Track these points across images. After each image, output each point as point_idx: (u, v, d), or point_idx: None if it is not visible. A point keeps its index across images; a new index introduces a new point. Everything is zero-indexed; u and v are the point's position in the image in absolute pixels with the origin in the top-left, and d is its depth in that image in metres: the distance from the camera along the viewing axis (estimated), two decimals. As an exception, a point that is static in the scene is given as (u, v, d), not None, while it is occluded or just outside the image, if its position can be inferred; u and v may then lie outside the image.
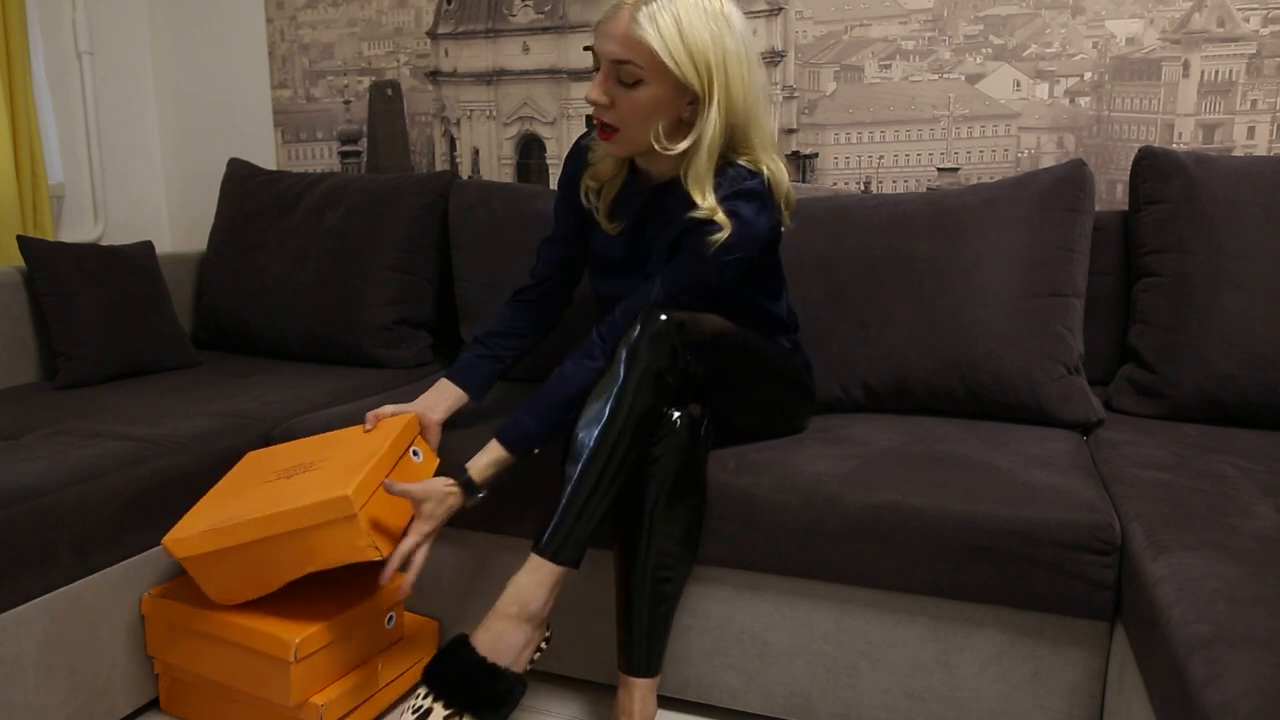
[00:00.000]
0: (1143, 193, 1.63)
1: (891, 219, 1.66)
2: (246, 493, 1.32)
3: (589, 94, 1.25)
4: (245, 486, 1.35)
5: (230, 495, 1.34)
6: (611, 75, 1.24)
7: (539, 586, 1.16)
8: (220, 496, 1.36)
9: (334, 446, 1.38)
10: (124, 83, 2.49)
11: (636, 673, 1.25)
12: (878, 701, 1.29)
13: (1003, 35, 1.89)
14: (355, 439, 1.38)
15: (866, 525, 1.23)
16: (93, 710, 1.31)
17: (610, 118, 1.26)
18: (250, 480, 1.37)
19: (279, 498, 1.25)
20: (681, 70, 1.19)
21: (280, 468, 1.36)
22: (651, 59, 1.19)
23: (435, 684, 1.13)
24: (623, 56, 1.20)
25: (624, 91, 1.23)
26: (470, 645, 1.15)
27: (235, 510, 1.27)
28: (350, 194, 2.08)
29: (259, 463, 1.43)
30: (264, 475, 1.36)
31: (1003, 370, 1.52)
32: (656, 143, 1.25)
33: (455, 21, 2.27)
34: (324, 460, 1.33)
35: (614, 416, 1.18)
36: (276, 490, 1.28)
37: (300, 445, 1.45)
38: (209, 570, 1.29)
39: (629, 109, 1.24)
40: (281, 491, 1.27)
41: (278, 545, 1.24)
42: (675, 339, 1.21)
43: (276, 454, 1.44)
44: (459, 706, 1.12)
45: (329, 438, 1.44)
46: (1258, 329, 1.46)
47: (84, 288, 1.84)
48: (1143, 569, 1.01)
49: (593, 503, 1.17)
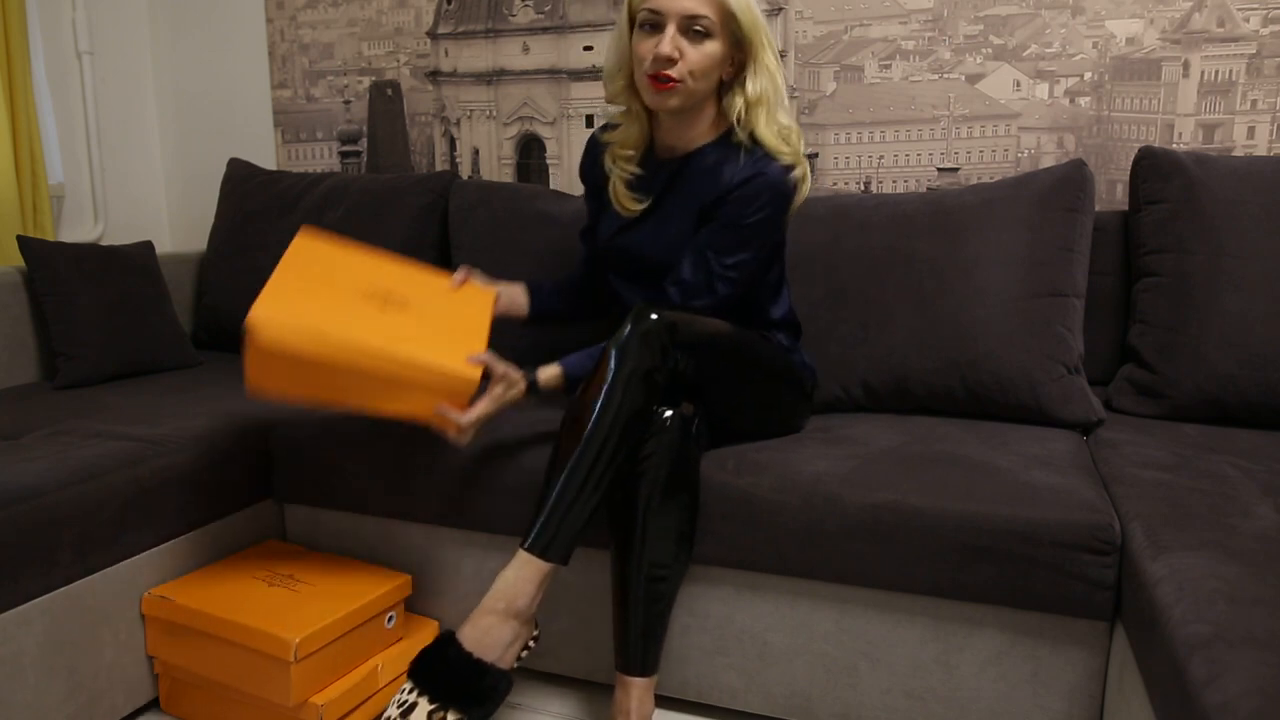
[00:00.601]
0: (1143, 193, 1.63)
1: (891, 219, 1.66)
2: (339, 300, 1.23)
3: (663, 48, 1.29)
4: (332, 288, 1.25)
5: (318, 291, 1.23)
6: (681, 30, 1.30)
7: (526, 583, 1.17)
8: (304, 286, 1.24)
9: (420, 286, 1.34)
10: (124, 83, 2.49)
11: (633, 672, 1.25)
12: (878, 701, 1.29)
13: (1003, 35, 1.89)
14: (445, 293, 1.36)
15: (866, 525, 1.23)
16: (93, 710, 1.31)
17: (677, 71, 1.31)
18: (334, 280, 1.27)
19: (391, 334, 1.20)
20: (744, 28, 1.31)
21: (368, 285, 1.28)
22: (722, 13, 1.30)
23: (421, 679, 1.14)
24: (698, 10, 1.29)
25: (692, 46, 1.31)
26: (456, 641, 1.15)
27: (336, 322, 1.18)
28: (350, 194, 2.08)
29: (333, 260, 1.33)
30: (348, 284, 1.27)
31: (1003, 370, 1.52)
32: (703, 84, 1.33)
33: (455, 21, 2.27)
34: (417, 303, 1.29)
35: (603, 414, 1.18)
36: (381, 322, 1.22)
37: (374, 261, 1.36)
38: (271, 360, 1.16)
39: (697, 61, 1.31)
40: (390, 327, 1.21)
41: (374, 382, 1.18)
42: (665, 338, 1.22)
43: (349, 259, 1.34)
44: (443, 701, 1.12)
45: (407, 269, 1.38)
46: (1258, 329, 1.46)
47: (84, 288, 1.84)
48: (1143, 569, 1.01)
49: (581, 500, 1.17)
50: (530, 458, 1.40)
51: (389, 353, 1.18)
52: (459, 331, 1.28)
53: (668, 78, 1.31)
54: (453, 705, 1.12)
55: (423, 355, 1.20)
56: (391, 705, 1.13)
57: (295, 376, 1.19)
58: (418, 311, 1.28)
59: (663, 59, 1.29)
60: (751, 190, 1.33)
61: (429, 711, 1.11)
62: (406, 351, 1.19)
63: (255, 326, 1.14)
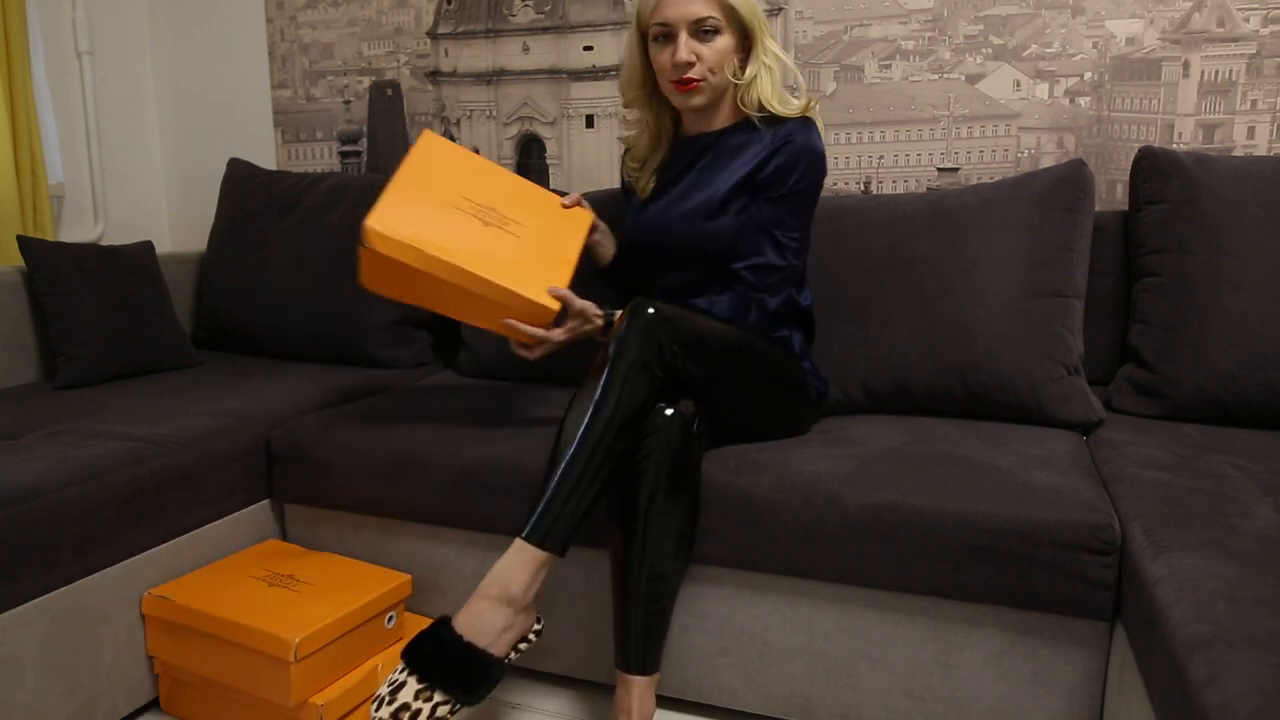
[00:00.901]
0: (1143, 193, 1.63)
1: (891, 219, 1.66)
2: (447, 213, 1.34)
3: (680, 55, 1.39)
4: (443, 199, 1.35)
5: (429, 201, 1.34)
6: (692, 35, 1.40)
7: (521, 570, 1.17)
8: (418, 194, 1.34)
9: (528, 206, 1.42)
10: (124, 83, 2.49)
11: (634, 671, 1.25)
12: (878, 701, 1.29)
13: (1003, 35, 1.89)
14: (548, 213, 1.44)
15: (866, 525, 1.23)
16: (93, 710, 1.31)
17: (697, 71, 1.41)
18: (446, 190, 1.37)
19: (487, 254, 1.31)
20: (745, 16, 1.41)
21: (477, 198, 1.38)
22: (724, 9, 1.40)
23: (412, 660, 1.14)
24: (705, 13, 1.39)
25: (705, 45, 1.41)
26: (450, 625, 1.16)
27: (440, 236, 1.30)
28: (350, 194, 2.08)
29: (448, 168, 1.41)
30: (458, 195, 1.37)
31: (1003, 371, 1.52)
32: (734, 77, 1.44)
33: (455, 21, 2.27)
34: (518, 221, 1.39)
35: (601, 406, 1.19)
36: (482, 240, 1.33)
37: (486, 173, 1.45)
38: (378, 262, 1.30)
39: (714, 57, 1.41)
40: (488, 246, 1.32)
41: (465, 295, 1.30)
42: (661, 333, 1.23)
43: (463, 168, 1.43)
44: (431, 681, 1.12)
45: (523, 186, 1.47)
46: (1258, 329, 1.46)
47: (84, 288, 1.84)
48: (1143, 569, 1.01)
49: (579, 491, 1.18)
50: (530, 458, 1.40)
51: (481, 273, 1.29)
52: (550, 257, 1.37)
53: (690, 79, 1.41)
54: (440, 686, 1.12)
55: (510, 280, 1.30)
56: (383, 684, 1.14)
57: (398, 279, 1.33)
58: (517, 230, 1.38)
59: (682, 65, 1.40)
60: (789, 160, 1.41)
61: (416, 691, 1.11)
62: (497, 273, 1.30)
63: (369, 232, 1.27)
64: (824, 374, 1.56)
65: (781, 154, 1.42)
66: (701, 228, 1.46)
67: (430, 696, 1.11)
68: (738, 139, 1.47)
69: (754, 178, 1.43)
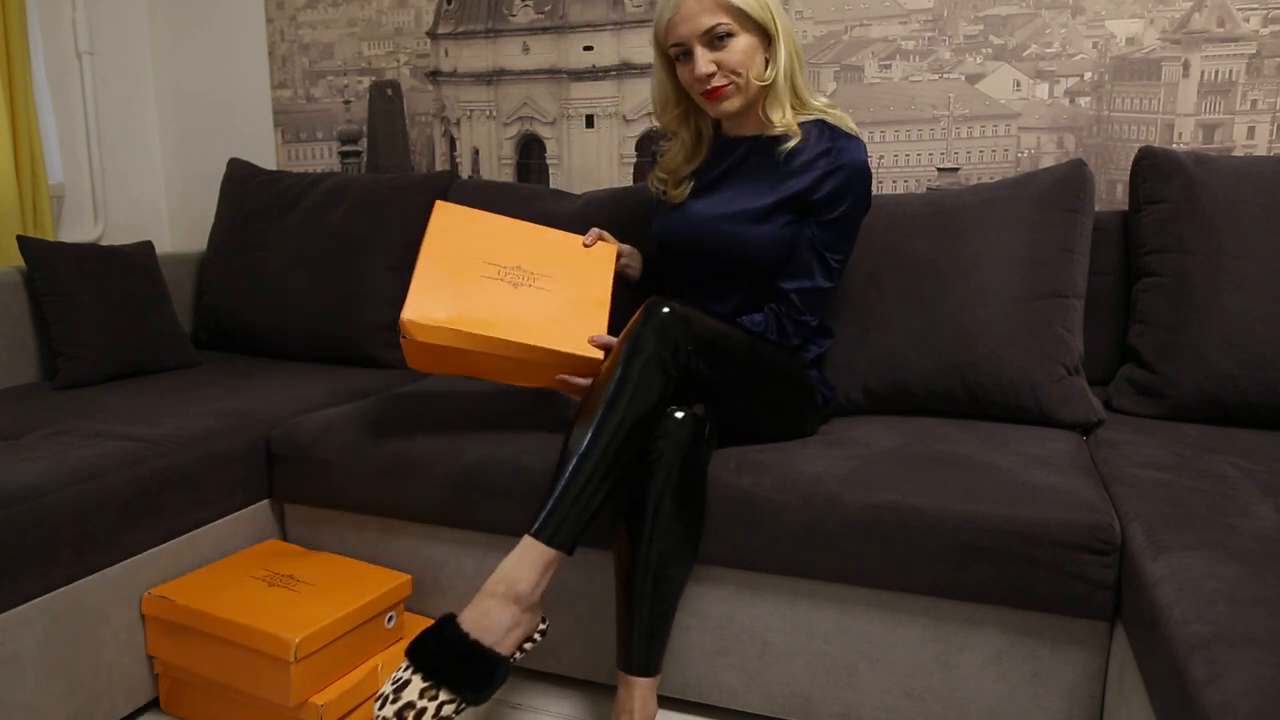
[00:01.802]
0: (1143, 193, 1.63)
1: (892, 219, 1.66)
2: (477, 286, 1.36)
3: (699, 70, 1.39)
4: (469, 271, 1.38)
5: (457, 277, 1.37)
6: (705, 45, 1.40)
7: (528, 567, 1.16)
8: (445, 272, 1.37)
9: (551, 256, 1.44)
10: (124, 83, 2.49)
11: (637, 672, 1.25)
12: (878, 701, 1.29)
13: (1003, 35, 1.89)
14: (574, 258, 1.45)
15: (867, 525, 1.23)
16: (93, 710, 1.31)
17: (721, 78, 1.40)
18: (470, 262, 1.39)
19: (524, 319, 1.34)
20: (757, 14, 1.39)
21: (501, 260, 1.40)
22: (736, 12, 1.38)
23: (417, 657, 1.13)
24: (711, 21, 1.38)
25: (722, 52, 1.39)
26: (455, 622, 1.15)
27: (479, 309, 1.33)
28: (350, 194, 2.08)
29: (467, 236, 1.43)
30: (483, 262, 1.39)
31: (1003, 371, 1.52)
32: (755, 77, 1.42)
33: (455, 21, 2.27)
34: (550, 276, 1.41)
35: (614, 404, 1.19)
36: (515, 305, 1.35)
37: (505, 230, 1.46)
38: (423, 350, 1.34)
39: (734, 60, 1.40)
40: (523, 311, 1.35)
41: (511, 363, 1.34)
42: (677, 333, 1.22)
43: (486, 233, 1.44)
44: (436, 680, 1.11)
45: (543, 236, 1.47)
46: (1258, 329, 1.46)
47: (84, 288, 1.84)
48: (1143, 569, 1.01)
49: (589, 490, 1.17)
50: (530, 458, 1.40)
51: (522, 339, 1.32)
52: (584, 303, 1.39)
53: (716, 87, 1.41)
54: (445, 684, 1.11)
55: (552, 339, 1.33)
56: (388, 682, 1.13)
57: (445, 359, 1.37)
58: (547, 284, 1.40)
59: (704, 78, 1.40)
60: (842, 184, 1.40)
61: (421, 689, 1.10)
62: (538, 337, 1.33)
63: (407, 325, 1.31)
64: (831, 380, 1.57)
65: (836, 177, 1.40)
66: (744, 232, 1.44)
67: (435, 695, 1.11)
68: (781, 143, 1.44)
69: (806, 197, 1.42)
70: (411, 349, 1.35)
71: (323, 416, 1.60)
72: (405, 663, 1.14)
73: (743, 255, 1.45)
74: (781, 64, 1.42)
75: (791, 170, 1.43)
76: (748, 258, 1.45)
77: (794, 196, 1.42)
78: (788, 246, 1.44)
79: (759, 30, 1.41)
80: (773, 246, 1.44)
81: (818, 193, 1.41)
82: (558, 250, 1.46)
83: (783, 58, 1.42)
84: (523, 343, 1.31)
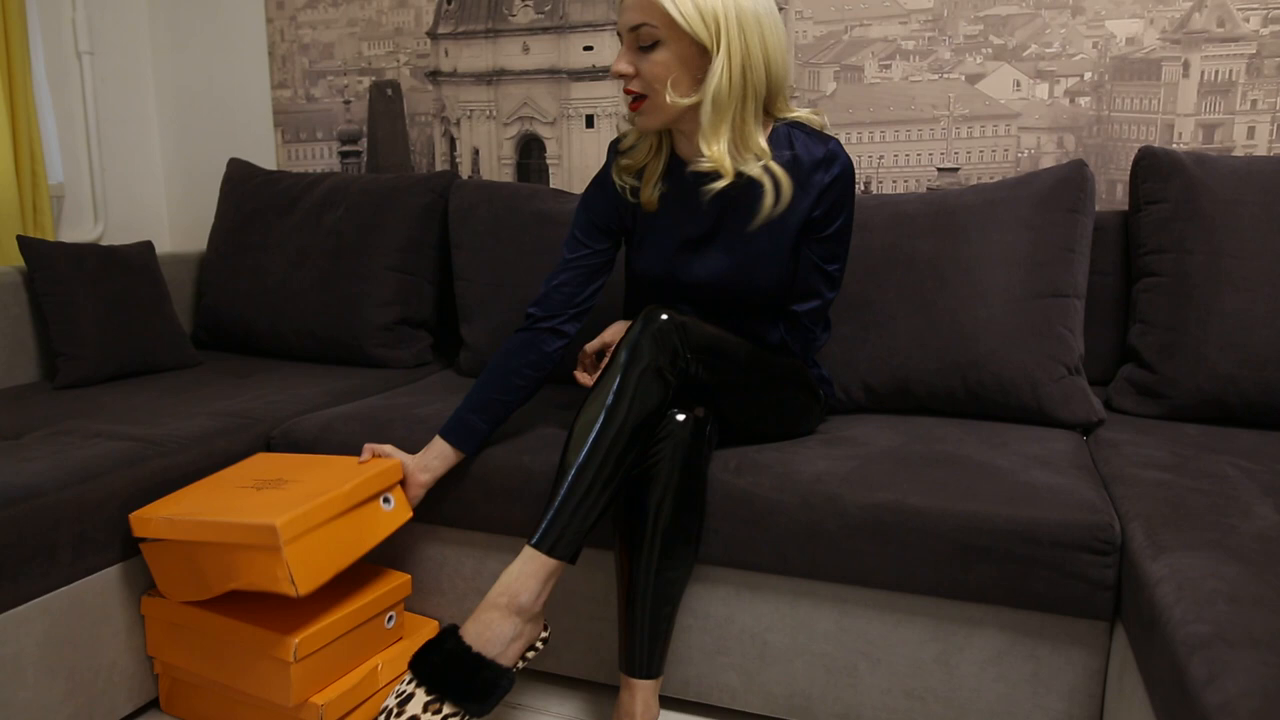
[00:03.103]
0: (1143, 193, 1.63)
1: (892, 219, 1.66)
2: (219, 492, 1.33)
3: (614, 66, 1.28)
4: (226, 486, 1.36)
5: (208, 490, 1.36)
6: (633, 44, 1.27)
7: (530, 578, 1.16)
8: (202, 489, 1.37)
9: (316, 470, 1.37)
10: (124, 83, 2.49)
11: (638, 674, 1.25)
12: (878, 701, 1.29)
13: (1003, 35, 1.89)
14: (336, 468, 1.37)
15: (867, 525, 1.23)
16: (93, 710, 1.31)
17: (637, 86, 1.28)
18: (234, 481, 1.37)
19: (232, 507, 1.24)
20: (689, 23, 1.21)
21: (263, 476, 1.37)
22: (664, 16, 1.22)
23: (420, 670, 1.13)
24: (638, 20, 1.24)
25: (645, 57, 1.26)
26: (458, 635, 1.15)
27: (195, 506, 1.28)
28: (350, 194, 2.08)
29: (255, 466, 1.44)
30: (246, 479, 1.37)
31: (1004, 371, 1.52)
32: (669, 99, 1.26)
33: (455, 21, 2.27)
34: (298, 481, 1.32)
35: (613, 412, 1.18)
36: (239, 499, 1.27)
37: (298, 460, 1.45)
38: (159, 557, 1.31)
39: (651, 72, 1.26)
40: (241, 502, 1.26)
41: (208, 552, 1.24)
42: (675, 338, 1.22)
43: (275, 462, 1.45)
44: (440, 693, 1.11)
45: (324, 460, 1.43)
46: (1258, 329, 1.46)
47: (84, 288, 1.84)
48: (1143, 569, 1.01)
49: (590, 498, 1.17)
50: (531, 458, 1.40)
51: (205, 520, 1.22)
52: (298, 494, 1.26)
53: (631, 93, 1.29)
54: (449, 698, 1.11)
55: (235, 515, 1.20)
56: (391, 696, 1.13)
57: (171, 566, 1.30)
58: (286, 488, 1.30)
59: (616, 75, 1.29)
60: (838, 199, 1.33)
61: (425, 703, 1.11)
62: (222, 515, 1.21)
63: (131, 523, 1.30)
64: (828, 374, 1.56)
65: (831, 193, 1.32)
66: (753, 279, 1.37)
67: (440, 708, 1.11)
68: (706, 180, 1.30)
69: (806, 222, 1.34)
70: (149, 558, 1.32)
71: (323, 416, 1.60)
72: (409, 676, 1.14)
73: (755, 299, 1.40)
74: (715, 89, 1.23)
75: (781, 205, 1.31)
76: (760, 300, 1.40)
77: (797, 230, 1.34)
78: (792, 277, 1.39)
79: (693, 44, 1.24)
80: (786, 284, 1.39)
81: (815, 212, 1.33)
82: (330, 465, 1.39)
83: (724, 83, 1.23)
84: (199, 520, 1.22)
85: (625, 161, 1.41)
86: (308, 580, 1.20)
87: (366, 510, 1.32)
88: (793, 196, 1.31)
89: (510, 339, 1.43)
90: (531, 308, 1.43)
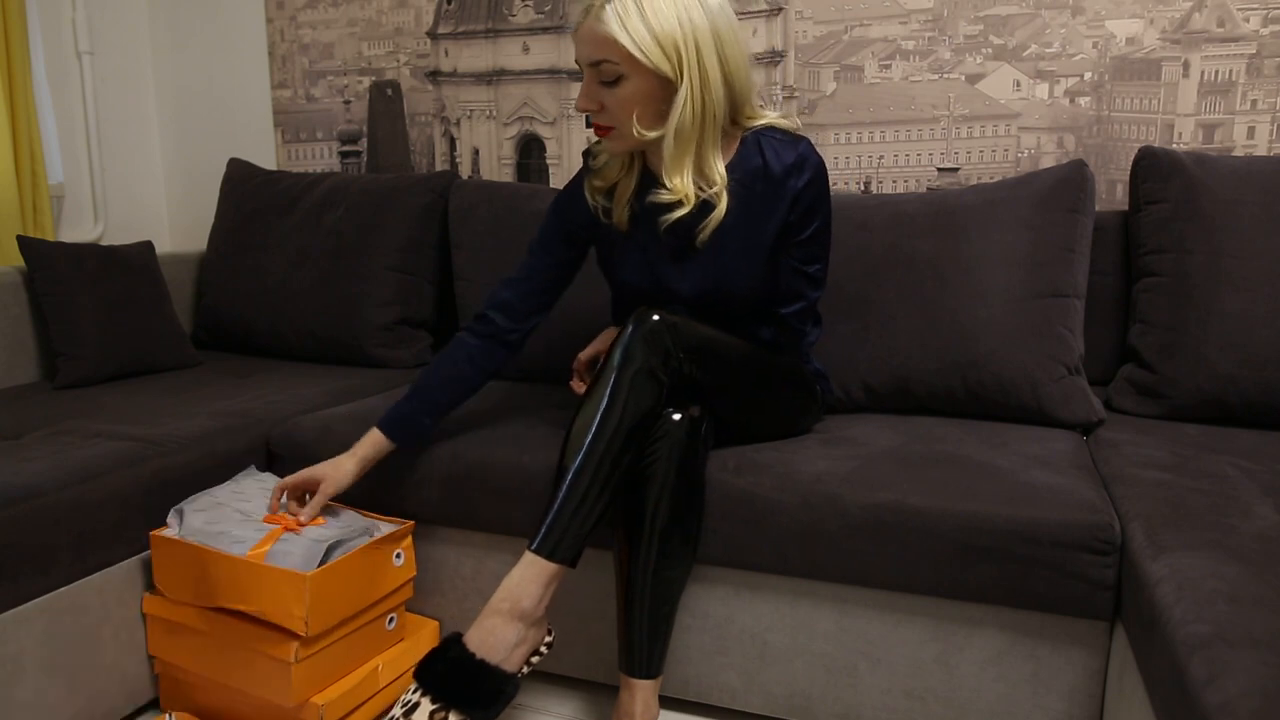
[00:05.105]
0: (1143, 193, 1.63)
1: (892, 219, 1.66)
2: None
3: (577, 103, 1.27)
4: None
5: None
6: (594, 78, 1.25)
7: (532, 583, 1.16)
8: None
9: None
10: (124, 83, 2.49)
11: (638, 674, 1.25)
12: (878, 701, 1.29)
13: (1003, 35, 1.89)
14: None
15: (867, 525, 1.23)
16: (93, 710, 1.31)
17: (604, 119, 1.27)
18: None
19: None
20: (651, 59, 1.19)
21: None
22: (623, 53, 1.20)
23: (425, 679, 1.13)
24: (596, 57, 1.22)
25: (608, 91, 1.24)
26: (461, 642, 1.15)
27: None
28: (350, 194, 2.08)
29: None
30: None
31: (1004, 371, 1.52)
32: (636, 131, 1.25)
33: (455, 21, 2.27)
34: None
35: (609, 414, 1.18)
36: None
37: None
38: (171, 554, 1.33)
39: (616, 107, 1.24)
40: None
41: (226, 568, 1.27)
42: (668, 339, 1.21)
43: None
44: (446, 701, 1.11)
45: None
46: (1258, 329, 1.46)
47: (84, 288, 1.84)
48: (1143, 569, 1.01)
49: (589, 501, 1.17)
50: (530, 458, 1.40)
51: None
52: None
53: (599, 125, 1.28)
54: (455, 706, 1.11)
55: None
56: (396, 705, 1.13)
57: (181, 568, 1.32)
58: None
59: (580, 110, 1.29)
60: (813, 201, 1.32)
61: (431, 712, 1.11)
62: None
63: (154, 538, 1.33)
64: (823, 370, 1.55)
65: (805, 198, 1.30)
66: (731, 289, 1.36)
67: (445, 717, 1.11)
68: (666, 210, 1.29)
69: (783, 229, 1.33)
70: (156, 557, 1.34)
71: (323, 416, 1.60)
72: (414, 685, 1.14)
73: (739, 307, 1.38)
74: (677, 123, 1.22)
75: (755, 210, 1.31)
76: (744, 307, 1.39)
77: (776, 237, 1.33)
78: (773, 283, 1.37)
79: (656, 77, 1.21)
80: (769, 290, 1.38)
81: (791, 216, 1.32)
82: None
83: (688, 114, 1.21)
84: None
85: (597, 182, 1.38)
86: (319, 623, 1.25)
87: (379, 563, 1.37)
88: (765, 205, 1.31)
89: (468, 344, 1.41)
90: (493, 312, 1.41)
